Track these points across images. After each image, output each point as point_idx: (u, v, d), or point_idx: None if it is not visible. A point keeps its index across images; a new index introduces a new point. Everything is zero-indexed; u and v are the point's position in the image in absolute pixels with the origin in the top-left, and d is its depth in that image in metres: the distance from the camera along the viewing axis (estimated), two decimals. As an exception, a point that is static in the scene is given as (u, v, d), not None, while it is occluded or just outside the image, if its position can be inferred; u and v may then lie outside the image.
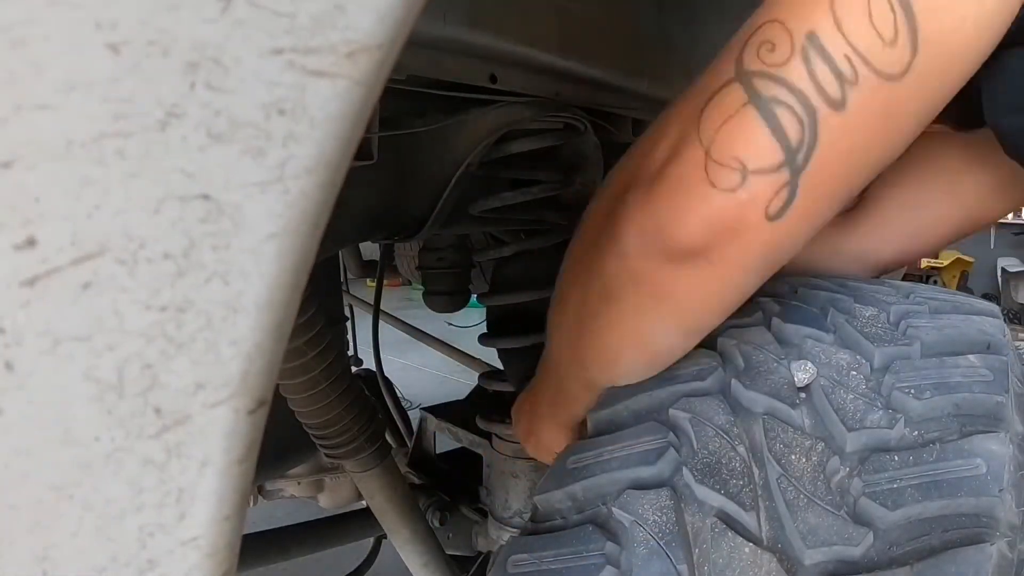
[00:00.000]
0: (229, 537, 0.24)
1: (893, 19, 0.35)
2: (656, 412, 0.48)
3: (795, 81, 0.36)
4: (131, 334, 0.20)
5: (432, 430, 1.27)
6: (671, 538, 0.40)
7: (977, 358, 0.47)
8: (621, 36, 0.78)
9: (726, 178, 0.37)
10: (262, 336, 0.23)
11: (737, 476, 0.42)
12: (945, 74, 0.37)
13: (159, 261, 0.20)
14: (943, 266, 6.73)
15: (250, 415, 0.23)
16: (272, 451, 0.92)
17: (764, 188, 0.37)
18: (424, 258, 1.00)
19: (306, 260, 0.23)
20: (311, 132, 0.22)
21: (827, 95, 0.36)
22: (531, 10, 0.64)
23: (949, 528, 0.40)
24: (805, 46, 0.36)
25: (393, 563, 1.06)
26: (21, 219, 0.18)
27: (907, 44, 0.35)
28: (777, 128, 0.36)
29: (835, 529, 0.40)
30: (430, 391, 2.99)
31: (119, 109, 0.19)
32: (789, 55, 0.36)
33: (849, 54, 0.35)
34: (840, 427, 0.43)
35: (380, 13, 0.22)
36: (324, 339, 0.70)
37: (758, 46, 0.37)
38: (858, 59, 0.35)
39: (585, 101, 0.78)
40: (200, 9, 0.19)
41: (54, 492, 0.21)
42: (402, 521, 0.88)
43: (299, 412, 0.76)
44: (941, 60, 0.36)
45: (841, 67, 0.36)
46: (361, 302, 1.73)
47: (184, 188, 0.20)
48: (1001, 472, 0.41)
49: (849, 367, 0.46)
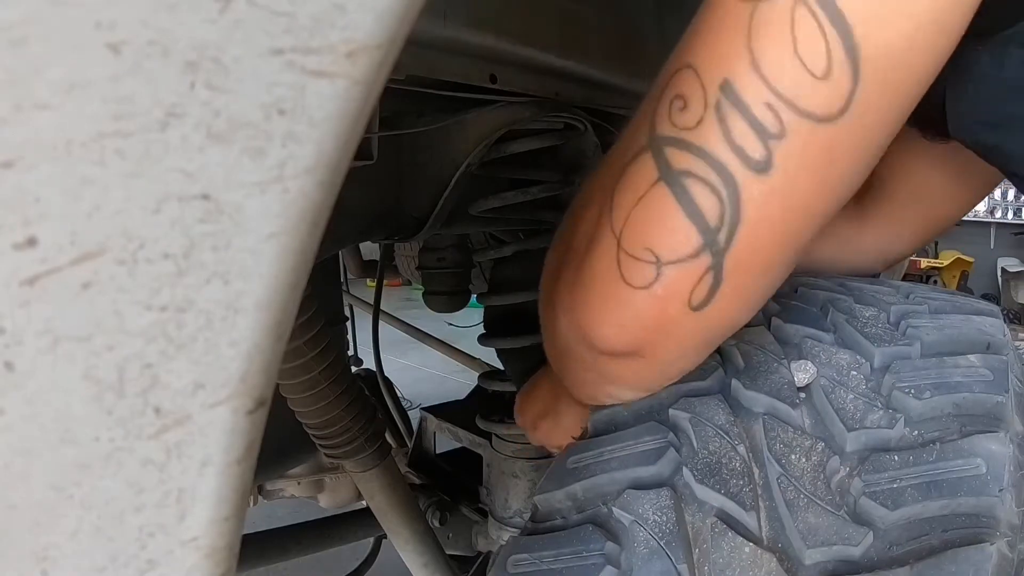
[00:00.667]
0: (229, 537, 0.24)
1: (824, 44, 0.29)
2: (656, 412, 0.48)
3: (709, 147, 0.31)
4: (131, 334, 0.20)
5: (432, 430, 1.27)
6: (671, 538, 0.40)
7: (977, 358, 0.47)
8: (621, 36, 0.78)
9: (639, 274, 0.33)
10: (262, 336, 0.23)
11: (737, 476, 0.42)
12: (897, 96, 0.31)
13: (159, 261, 0.20)
14: (943, 266, 6.73)
15: (250, 415, 0.23)
16: (272, 451, 0.92)
17: (682, 279, 0.33)
18: (424, 258, 1.00)
19: (306, 260, 0.23)
20: (311, 132, 0.22)
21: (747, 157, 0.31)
22: (531, 10, 0.64)
23: (949, 528, 0.40)
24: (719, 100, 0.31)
25: (393, 563, 1.06)
26: (21, 219, 0.18)
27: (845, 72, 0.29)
28: (692, 208, 0.32)
29: (835, 529, 0.40)
30: (430, 391, 2.99)
31: (119, 109, 0.19)
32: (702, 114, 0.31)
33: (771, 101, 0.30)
34: (840, 427, 0.43)
35: (380, 13, 0.22)
36: (324, 339, 0.70)
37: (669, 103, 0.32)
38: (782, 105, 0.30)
39: (585, 101, 0.78)
40: (200, 9, 0.19)
41: (54, 492, 0.21)
42: (402, 521, 0.88)
43: (299, 412, 0.76)
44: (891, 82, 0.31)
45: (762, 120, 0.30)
46: (361, 302, 1.73)
47: (184, 188, 0.20)
48: (1001, 472, 0.41)
49: (849, 367, 0.46)
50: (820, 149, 0.31)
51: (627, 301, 0.34)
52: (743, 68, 0.30)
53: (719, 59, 0.31)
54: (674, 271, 0.33)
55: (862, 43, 0.29)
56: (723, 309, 0.34)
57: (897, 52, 0.30)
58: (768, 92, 0.30)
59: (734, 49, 0.30)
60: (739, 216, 0.31)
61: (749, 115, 0.30)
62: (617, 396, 0.46)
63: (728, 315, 0.35)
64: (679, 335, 0.35)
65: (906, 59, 0.30)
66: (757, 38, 0.30)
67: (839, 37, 0.29)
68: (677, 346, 0.36)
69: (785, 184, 0.31)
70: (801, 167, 0.31)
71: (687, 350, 0.38)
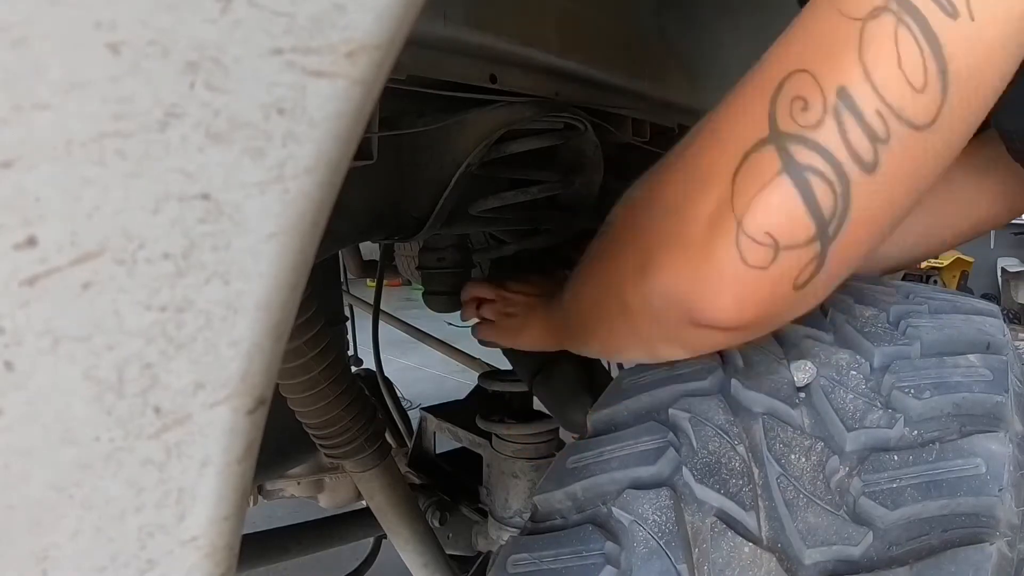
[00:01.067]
0: (229, 537, 0.24)
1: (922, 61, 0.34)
2: (656, 412, 0.48)
3: (829, 146, 0.35)
4: (131, 334, 0.20)
5: (432, 430, 1.27)
6: (671, 538, 0.40)
7: (977, 358, 0.47)
8: (621, 36, 0.78)
9: (758, 255, 0.37)
10: (262, 336, 0.23)
11: (737, 476, 0.42)
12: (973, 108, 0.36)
13: (159, 261, 0.20)
14: (943, 266, 6.73)
15: (250, 415, 0.23)
16: (272, 451, 0.92)
17: (794, 263, 0.37)
18: (424, 258, 1.00)
19: (306, 260, 0.23)
20: (310, 132, 0.22)
21: (860, 159, 0.35)
22: (531, 10, 0.64)
23: (949, 528, 0.40)
24: (837, 105, 0.35)
25: (393, 563, 1.06)
26: (21, 219, 0.18)
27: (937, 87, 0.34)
28: (811, 200, 0.35)
29: (835, 529, 0.40)
30: (430, 391, 2.99)
31: (119, 109, 0.19)
32: (822, 115, 0.35)
33: (881, 109, 0.34)
34: (840, 427, 0.43)
35: (380, 13, 0.22)
36: (324, 339, 0.70)
37: (790, 102, 0.36)
38: (889, 113, 0.34)
39: (585, 101, 0.78)
40: (200, 9, 0.19)
41: (54, 492, 0.21)
42: (402, 521, 0.88)
43: (299, 412, 0.76)
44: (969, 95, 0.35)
45: (873, 125, 0.35)
46: (361, 302, 1.73)
47: (184, 188, 0.20)
48: (1001, 472, 0.41)
49: (849, 367, 0.46)
50: (915, 154, 0.35)
51: (743, 279, 0.37)
52: (857, 78, 0.34)
53: (835, 68, 0.35)
54: (789, 255, 0.36)
55: (950, 61, 0.34)
56: (816, 291, 0.39)
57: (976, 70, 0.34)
58: (878, 101, 0.34)
59: (848, 60, 0.35)
60: (848, 211, 0.36)
61: (862, 120, 0.34)
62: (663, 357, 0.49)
63: (817, 297, 0.40)
64: (780, 312, 0.40)
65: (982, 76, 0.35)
66: (868, 52, 0.34)
67: (932, 55, 0.34)
68: (774, 322, 0.41)
69: (886, 183, 0.36)
70: (899, 169, 0.35)
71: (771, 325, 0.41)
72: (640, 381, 0.51)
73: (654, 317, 0.43)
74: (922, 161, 0.36)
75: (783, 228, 0.36)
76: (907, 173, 0.36)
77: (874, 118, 0.34)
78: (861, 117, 0.34)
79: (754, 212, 0.36)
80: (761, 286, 0.37)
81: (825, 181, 0.35)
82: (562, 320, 0.61)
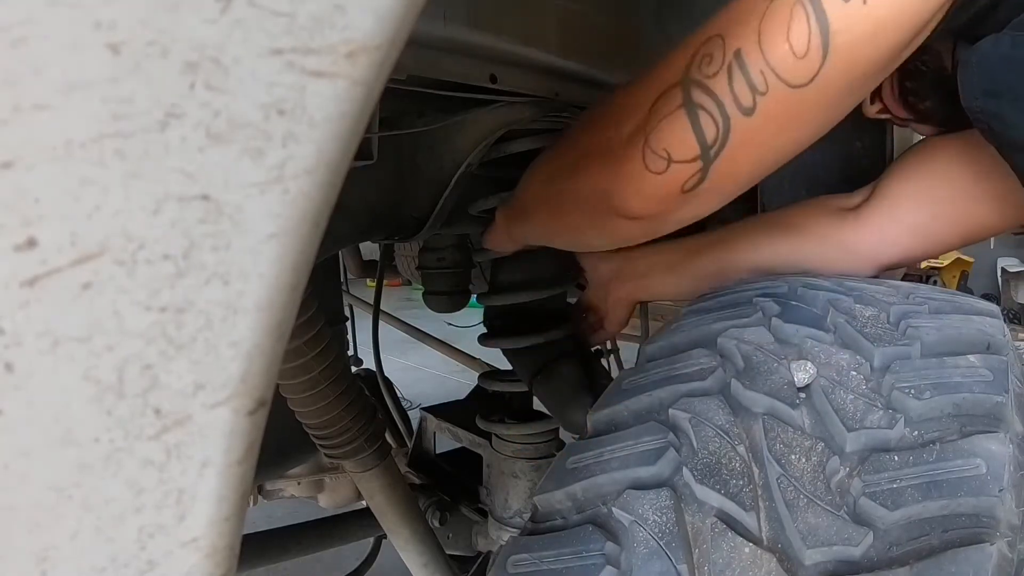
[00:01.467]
0: (229, 538, 0.24)
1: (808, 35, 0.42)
2: (656, 412, 0.48)
3: (718, 92, 0.45)
4: (131, 335, 0.20)
5: (432, 430, 1.27)
6: (671, 538, 0.40)
7: (977, 358, 0.47)
8: (621, 36, 0.78)
9: (656, 164, 0.48)
10: (262, 336, 0.23)
11: (737, 476, 0.42)
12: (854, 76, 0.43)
13: (159, 262, 0.20)
14: (943, 266, 6.72)
15: (250, 416, 0.23)
16: (272, 451, 0.92)
17: (682, 172, 0.48)
18: (424, 258, 1.00)
19: (306, 260, 0.23)
20: (311, 132, 0.22)
21: (740, 105, 0.44)
22: (531, 10, 0.64)
23: (949, 528, 0.40)
24: (731, 62, 0.44)
25: (393, 563, 1.06)
26: (21, 219, 0.18)
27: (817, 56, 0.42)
28: (698, 129, 0.46)
29: (835, 529, 0.40)
30: (430, 391, 2.99)
31: (119, 109, 0.19)
32: (719, 68, 0.45)
33: (764, 69, 0.43)
34: (840, 427, 0.43)
35: (380, 13, 0.22)
36: (324, 339, 0.70)
37: (700, 58, 0.46)
38: (770, 72, 0.43)
39: (585, 101, 0.78)
40: (200, 9, 0.19)
41: (53, 493, 0.21)
42: (402, 521, 0.88)
43: (299, 412, 0.76)
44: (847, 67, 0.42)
45: (755, 80, 0.43)
46: (361, 302, 1.73)
47: (184, 188, 0.20)
48: (1001, 472, 0.41)
49: (849, 367, 0.46)
50: (789, 105, 0.44)
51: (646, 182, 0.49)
52: (751, 42, 0.43)
53: (739, 34, 0.44)
54: (678, 167, 0.48)
55: (835, 36, 0.41)
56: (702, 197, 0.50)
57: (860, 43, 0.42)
58: (763, 62, 0.43)
59: (750, 28, 0.44)
60: (727, 141, 0.45)
61: (748, 75, 0.44)
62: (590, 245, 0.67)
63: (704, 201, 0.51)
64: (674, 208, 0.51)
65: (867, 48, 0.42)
66: (766, 23, 0.43)
67: (819, 30, 0.41)
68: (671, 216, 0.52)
69: (761, 125, 0.45)
70: (775, 115, 0.44)
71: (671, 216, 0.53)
72: (640, 381, 0.51)
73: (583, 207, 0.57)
74: (796, 112, 0.44)
75: (675, 146, 0.47)
76: (782, 118, 0.45)
77: (757, 75, 0.43)
78: (747, 72, 0.44)
79: (657, 133, 0.48)
80: (658, 186, 0.49)
81: (711, 116, 0.45)
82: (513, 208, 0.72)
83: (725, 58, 0.44)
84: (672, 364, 0.50)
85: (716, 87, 0.45)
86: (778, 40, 0.42)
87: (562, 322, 0.92)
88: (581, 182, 0.56)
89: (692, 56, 0.47)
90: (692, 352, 0.50)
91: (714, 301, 0.57)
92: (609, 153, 0.52)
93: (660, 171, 0.48)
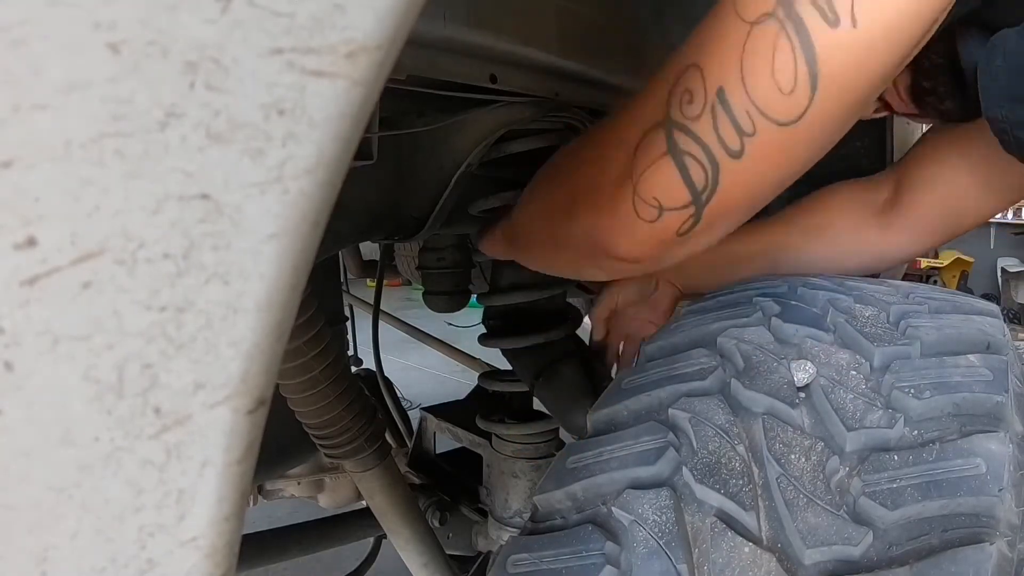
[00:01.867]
0: (229, 537, 0.24)
1: (794, 68, 0.39)
2: (656, 412, 0.48)
3: (704, 136, 0.43)
4: (131, 334, 0.20)
5: (432, 430, 1.27)
6: (671, 538, 0.40)
7: (977, 358, 0.47)
8: (621, 36, 0.78)
9: (647, 213, 0.47)
10: (262, 336, 0.23)
11: (737, 476, 0.42)
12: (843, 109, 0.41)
13: (159, 261, 0.20)
14: (943, 266, 6.73)
15: (250, 415, 0.23)
16: (272, 451, 0.92)
17: (675, 219, 0.46)
18: (424, 258, 1.00)
19: (306, 260, 0.23)
20: (310, 132, 0.22)
21: (728, 148, 0.42)
22: (531, 10, 0.63)
23: (949, 528, 0.40)
24: (715, 103, 0.42)
25: (393, 563, 1.06)
26: (21, 219, 0.18)
27: (806, 90, 0.39)
28: (687, 176, 0.44)
29: (835, 529, 0.40)
30: (430, 391, 2.99)
31: (118, 109, 0.19)
32: (702, 110, 0.42)
33: (750, 110, 0.41)
34: (840, 427, 0.43)
35: (380, 13, 0.22)
36: (324, 339, 0.70)
37: (680, 95, 0.44)
38: (757, 113, 0.40)
39: (585, 101, 0.78)
40: (199, 9, 0.19)
41: (53, 493, 0.21)
42: (402, 521, 0.88)
43: (299, 412, 0.76)
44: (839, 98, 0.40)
45: (742, 122, 0.41)
46: (361, 302, 1.73)
47: (183, 188, 0.20)
48: (1001, 472, 0.41)
49: (849, 367, 0.46)
50: (779, 143, 0.42)
51: (637, 228, 0.48)
52: (734, 81, 0.41)
53: (719, 68, 0.41)
54: (671, 214, 0.46)
55: (823, 65, 0.38)
56: (698, 237, 0.48)
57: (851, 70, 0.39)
58: (749, 102, 0.40)
59: (730, 63, 0.41)
60: (717, 185, 0.44)
61: (733, 118, 0.41)
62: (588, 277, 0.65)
63: (699, 241, 0.49)
64: (668, 250, 0.50)
65: (858, 75, 0.39)
66: (748, 57, 0.40)
67: (806, 61, 0.38)
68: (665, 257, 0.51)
69: (752, 166, 0.43)
70: (765, 155, 0.42)
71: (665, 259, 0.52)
72: (640, 381, 0.51)
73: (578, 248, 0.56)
74: (788, 148, 0.42)
75: (665, 195, 0.46)
76: (773, 157, 0.43)
77: (743, 117, 0.41)
78: (732, 115, 0.41)
79: (645, 182, 0.46)
80: (651, 234, 0.48)
81: (699, 163, 0.43)
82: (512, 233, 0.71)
83: (707, 97, 0.42)
84: (672, 364, 0.50)
85: (701, 131, 0.43)
86: (762, 76, 0.39)
87: (562, 322, 0.92)
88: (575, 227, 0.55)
89: (672, 90, 0.44)
90: (692, 352, 0.50)
91: (714, 301, 0.57)
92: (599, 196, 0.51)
93: (652, 219, 0.47)
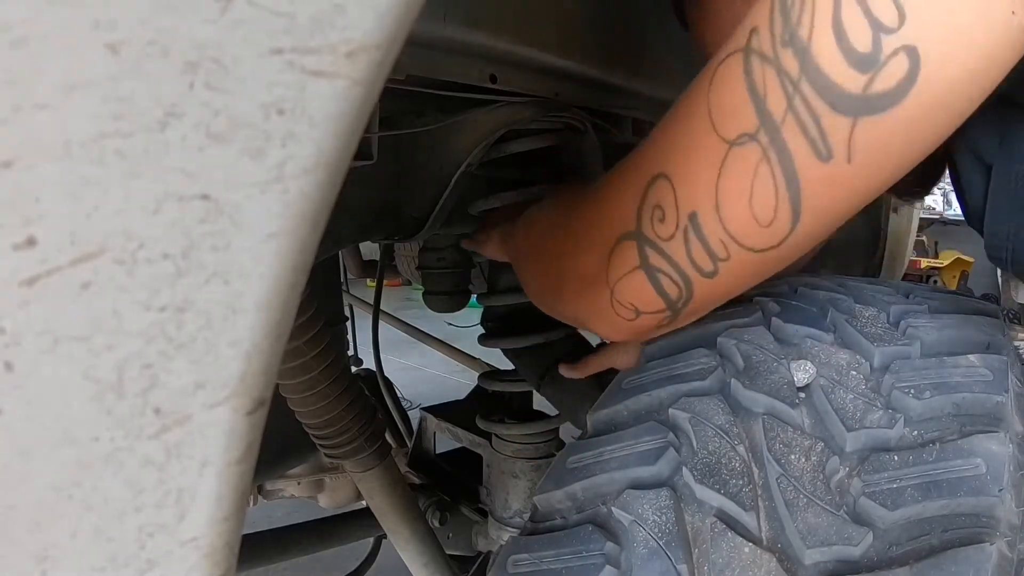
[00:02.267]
0: (228, 537, 0.24)
1: (775, 201, 0.36)
2: (656, 412, 0.48)
3: (676, 257, 0.42)
4: (130, 334, 0.20)
5: (432, 430, 1.27)
6: (671, 538, 0.40)
7: (977, 358, 0.47)
8: (621, 36, 0.78)
9: (625, 313, 0.48)
10: (262, 336, 0.23)
11: (737, 476, 0.42)
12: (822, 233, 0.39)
13: (158, 261, 0.20)
14: (943, 266, 6.73)
15: (249, 415, 0.23)
16: (272, 451, 0.92)
17: (652, 319, 0.48)
18: (424, 258, 1.00)
19: (306, 260, 0.23)
20: (310, 132, 0.22)
21: (701, 269, 0.42)
22: (531, 10, 0.63)
23: (949, 528, 0.40)
24: (687, 228, 0.40)
25: (393, 563, 1.06)
26: (21, 219, 0.18)
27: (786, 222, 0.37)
28: (661, 290, 0.45)
29: (835, 529, 0.40)
30: (430, 391, 2.99)
31: (119, 109, 0.19)
32: (674, 232, 0.41)
33: (724, 239, 0.39)
34: (840, 427, 0.43)
35: (379, 13, 0.22)
36: (324, 339, 0.70)
37: (652, 211, 0.43)
38: (731, 242, 0.39)
39: (585, 101, 0.78)
40: (200, 9, 0.19)
41: (53, 492, 0.21)
42: (402, 521, 0.88)
43: (299, 412, 0.76)
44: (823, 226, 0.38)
45: (715, 249, 0.40)
46: (361, 302, 1.73)
47: (183, 188, 0.20)
48: (1001, 472, 0.41)
49: (849, 367, 0.46)
50: (754, 266, 0.41)
51: (618, 323, 0.50)
52: (708, 208, 0.39)
53: (692, 189, 0.40)
54: (648, 316, 0.48)
55: (808, 200, 0.36)
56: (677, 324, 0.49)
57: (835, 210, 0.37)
58: (723, 231, 0.39)
59: (704, 185, 0.38)
60: (691, 296, 0.44)
61: (706, 244, 0.40)
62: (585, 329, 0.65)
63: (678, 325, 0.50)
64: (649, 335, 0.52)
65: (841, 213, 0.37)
66: (724, 180, 0.37)
67: (788, 195, 0.36)
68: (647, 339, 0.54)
69: (724, 283, 0.42)
70: (736, 276, 0.42)
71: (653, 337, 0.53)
72: (640, 381, 0.51)
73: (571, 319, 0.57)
74: (763, 267, 0.42)
75: (640, 302, 0.46)
76: (743, 277, 0.43)
77: (717, 244, 0.40)
78: (706, 242, 0.40)
79: (620, 289, 0.47)
80: (631, 328, 0.49)
81: (671, 280, 0.43)
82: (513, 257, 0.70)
83: (679, 221, 0.40)
84: (672, 364, 0.50)
85: (673, 252, 0.42)
86: (738, 205, 0.37)
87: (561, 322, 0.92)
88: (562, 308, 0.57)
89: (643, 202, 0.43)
90: (692, 352, 0.50)
91: (714, 301, 0.57)
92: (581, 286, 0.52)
93: (630, 318, 0.48)
